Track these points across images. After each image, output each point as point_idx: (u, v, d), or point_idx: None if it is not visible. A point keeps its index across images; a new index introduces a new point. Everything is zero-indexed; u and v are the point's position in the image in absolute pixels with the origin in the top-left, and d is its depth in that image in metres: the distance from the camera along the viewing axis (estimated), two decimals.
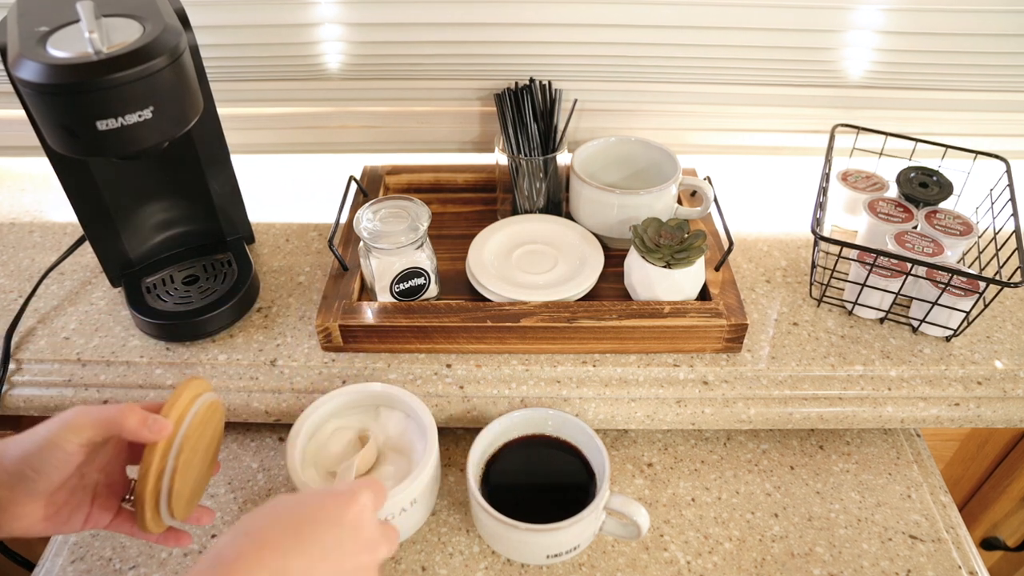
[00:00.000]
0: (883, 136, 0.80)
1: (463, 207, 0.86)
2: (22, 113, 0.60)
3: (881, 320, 0.72)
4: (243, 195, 0.78)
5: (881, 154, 0.82)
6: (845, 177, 0.83)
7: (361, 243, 0.68)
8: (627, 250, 0.73)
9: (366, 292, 0.73)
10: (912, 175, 0.79)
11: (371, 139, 0.90)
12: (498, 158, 0.80)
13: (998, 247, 0.73)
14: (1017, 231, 0.69)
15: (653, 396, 0.66)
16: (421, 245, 0.67)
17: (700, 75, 0.84)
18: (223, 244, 0.78)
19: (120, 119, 0.53)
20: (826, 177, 0.76)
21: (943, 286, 0.66)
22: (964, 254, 0.77)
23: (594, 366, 0.68)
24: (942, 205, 0.77)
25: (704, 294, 0.71)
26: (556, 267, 0.75)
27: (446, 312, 0.67)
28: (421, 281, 0.69)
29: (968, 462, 0.85)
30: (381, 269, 0.67)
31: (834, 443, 0.71)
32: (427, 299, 0.70)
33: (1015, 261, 0.75)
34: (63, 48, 0.53)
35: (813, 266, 0.75)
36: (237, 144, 0.77)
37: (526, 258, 0.76)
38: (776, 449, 0.70)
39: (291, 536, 0.40)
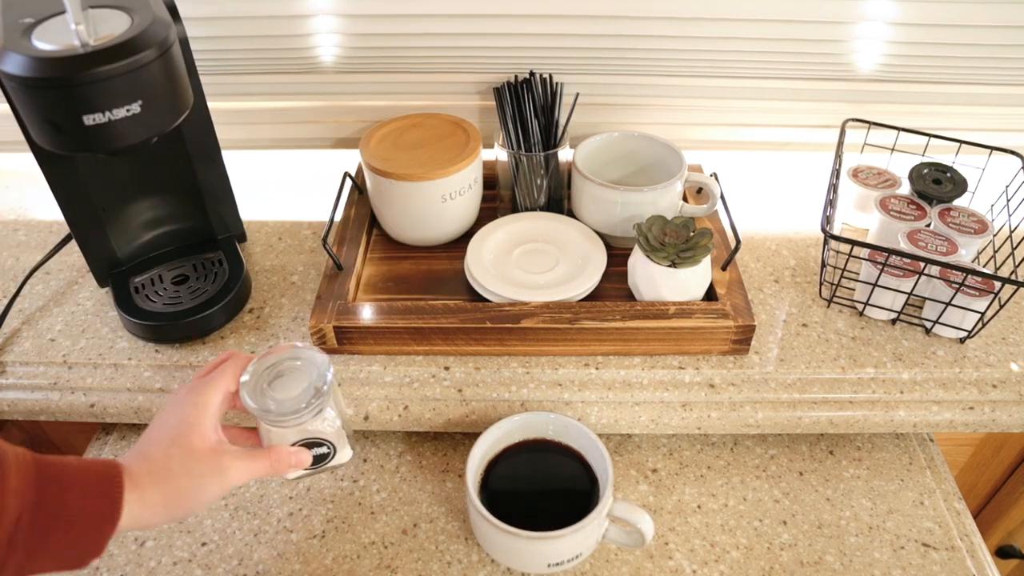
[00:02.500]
0: (895, 131, 0.80)
1: None
2: (6, 107, 0.60)
3: (893, 321, 0.72)
4: (234, 192, 0.78)
5: (893, 150, 0.82)
6: (856, 173, 0.83)
7: None
8: (631, 249, 0.73)
9: (362, 292, 0.74)
10: (925, 171, 0.79)
11: None
12: (498, 154, 0.80)
13: (1014, 246, 0.73)
14: None
15: (658, 400, 0.66)
16: (320, 411, 0.53)
17: (707, 68, 0.84)
18: (214, 243, 0.78)
19: (107, 114, 0.54)
20: (836, 173, 0.76)
21: (957, 286, 0.66)
22: (979, 253, 0.77)
23: (597, 369, 0.68)
24: (956, 202, 0.77)
25: (710, 294, 0.71)
26: (557, 266, 0.75)
27: (444, 313, 0.67)
28: (324, 451, 0.56)
29: (983, 468, 0.85)
30: (274, 439, 0.54)
31: (844, 448, 0.71)
32: (336, 466, 0.58)
33: None
34: (49, 40, 0.53)
35: (823, 265, 0.75)
36: (228, 139, 0.77)
37: (526, 257, 0.76)
38: (785, 454, 0.70)
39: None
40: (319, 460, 0.56)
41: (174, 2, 0.62)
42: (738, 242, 0.70)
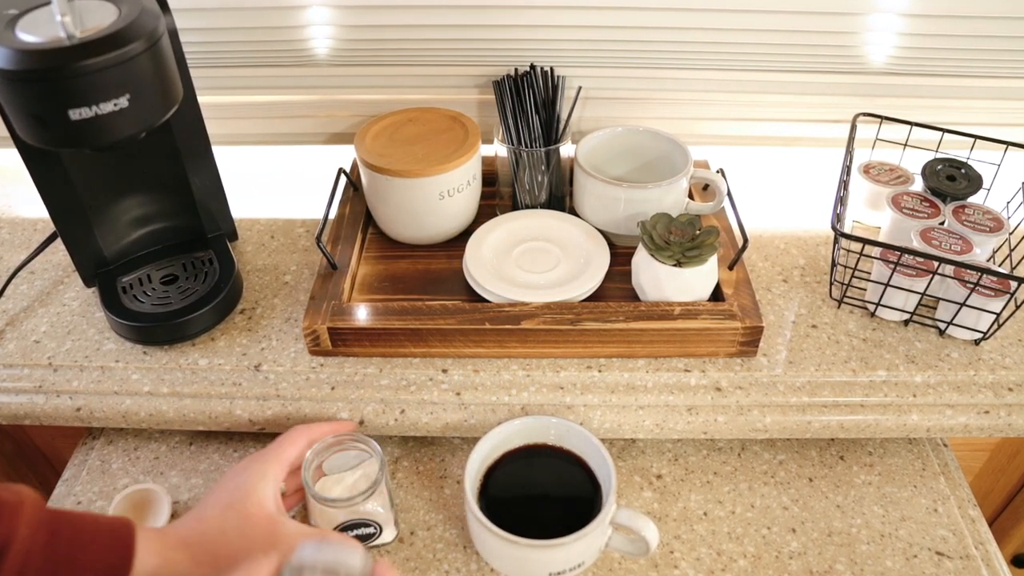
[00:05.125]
0: (908, 126, 0.80)
1: None
2: None
3: (906, 322, 0.73)
4: (225, 189, 0.78)
5: (906, 145, 0.82)
6: (867, 170, 0.83)
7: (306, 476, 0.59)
8: (634, 248, 0.73)
9: (357, 292, 0.74)
10: (939, 167, 0.79)
11: None
12: (497, 149, 0.80)
13: None
14: None
15: (662, 403, 0.66)
16: (372, 496, 0.58)
17: (713, 61, 0.84)
18: (204, 241, 0.78)
19: (94, 108, 0.53)
20: (847, 170, 0.76)
21: (972, 286, 0.66)
22: (994, 252, 0.77)
23: (599, 371, 0.68)
24: (971, 199, 0.77)
25: (717, 294, 0.71)
26: (559, 266, 0.75)
27: (442, 314, 0.67)
28: (370, 531, 0.60)
29: (998, 473, 0.85)
30: (322, 517, 0.59)
31: (855, 453, 0.71)
32: (379, 545, 0.63)
33: None
34: (33, 32, 0.53)
35: (833, 265, 0.75)
36: (219, 135, 0.77)
37: (527, 256, 0.76)
38: (794, 460, 0.70)
39: None
40: (363, 539, 0.61)
41: None
42: (745, 240, 0.70)
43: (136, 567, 0.46)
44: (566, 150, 0.79)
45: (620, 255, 0.76)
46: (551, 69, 0.81)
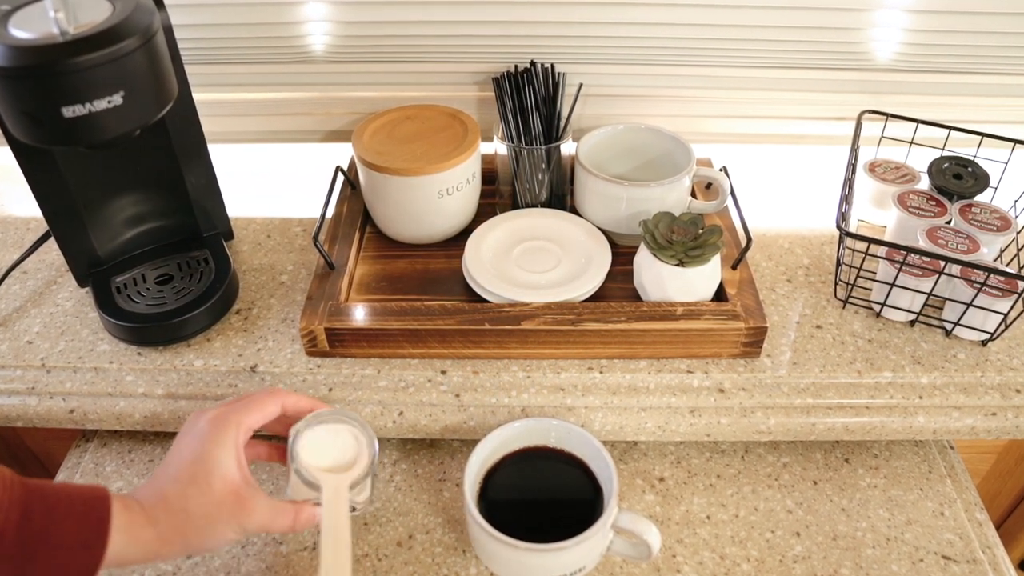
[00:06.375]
0: (914, 124, 0.80)
1: None
2: None
3: (912, 323, 0.73)
4: (221, 188, 0.78)
5: (911, 143, 0.82)
6: (873, 168, 0.83)
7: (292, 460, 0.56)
8: (636, 247, 0.73)
9: (354, 292, 0.73)
10: (945, 166, 0.79)
11: None
12: (497, 147, 0.80)
13: None
14: None
15: (665, 405, 0.66)
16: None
17: (716, 58, 0.84)
18: (199, 240, 0.78)
19: (88, 105, 0.54)
20: (852, 168, 0.77)
21: (979, 286, 0.66)
22: (1002, 251, 0.77)
23: (601, 373, 0.68)
24: (977, 198, 0.77)
25: (720, 295, 0.71)
26: (560, 265, 0.75)
27: (441, 314, 0.67)
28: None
29: (1006, 476, 0.85)
30: (298, 490, 0.56)
31: (861, 456, 0.71)
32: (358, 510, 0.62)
33: None
34: (26, 28, 0.53)
35: (838, 264, 0.75)
36: (214, 132, 0.77)
37: (527, 256, 0.76)
38: (798, 462, 0.70)
39: None
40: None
41: None
42: (749, 240, 0.70)
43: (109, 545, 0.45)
44: (567, 148, 0.79)
45: (622, 254, 0.76)
46: (552, 66, 0.81)
